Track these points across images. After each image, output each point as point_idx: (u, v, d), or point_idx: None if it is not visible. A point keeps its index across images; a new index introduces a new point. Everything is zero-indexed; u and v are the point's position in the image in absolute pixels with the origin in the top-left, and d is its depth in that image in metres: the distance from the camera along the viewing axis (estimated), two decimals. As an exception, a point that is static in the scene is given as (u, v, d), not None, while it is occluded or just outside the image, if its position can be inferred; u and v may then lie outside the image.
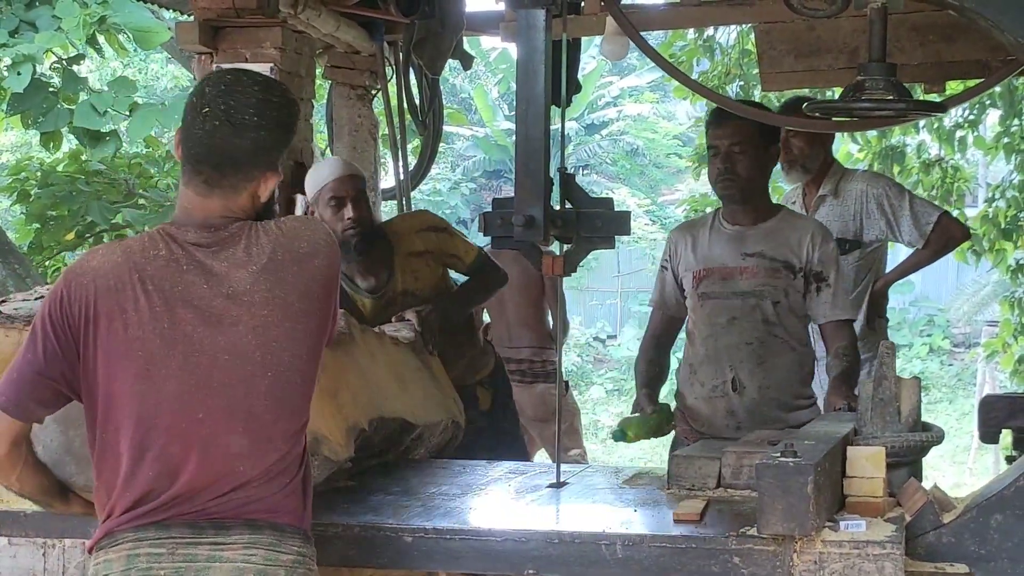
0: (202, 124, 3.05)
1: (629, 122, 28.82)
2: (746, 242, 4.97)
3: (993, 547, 3.49)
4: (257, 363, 3.04)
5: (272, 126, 3.09)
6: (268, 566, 3.01)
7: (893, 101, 3.87)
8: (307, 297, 3.11)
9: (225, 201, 3.10)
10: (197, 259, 3.06)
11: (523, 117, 3.93)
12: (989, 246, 11.08)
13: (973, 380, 21.18)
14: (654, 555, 3.39)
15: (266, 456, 3.06)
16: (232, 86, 3.08)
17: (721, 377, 5.00)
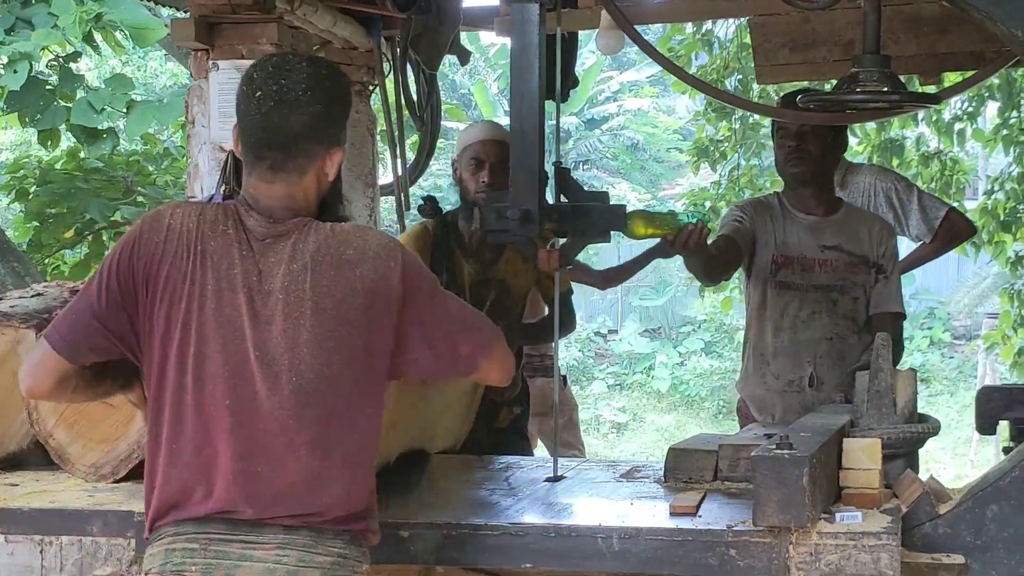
0: (257, 108, 3.03)
1: (629, 117, 28.82)
2: (823, 234, 4.96)
3: (989, 538, 3.50)
4: (284, 366, 2.98)
5: (327, 100, 3.06)
6: (301, 567, 2.96)
7: (887, 93, 3.88)
8: (344, 304, 3.00)
9: (290, 187, 3.07)
10: (253, 249, 3.03)
11: (517, 112, 3.92)
12: (988, 238, 11.08)
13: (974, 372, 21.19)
14: (651, 548, 3.40)
15: (291, 462, 2.99)
16: (280, 67, 3.06)
17: (799, 372, 4.98)
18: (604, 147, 28.80)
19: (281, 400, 2.98)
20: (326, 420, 3.01)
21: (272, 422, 2.98)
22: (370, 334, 3.03)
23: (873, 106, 4.02)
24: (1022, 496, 3.49)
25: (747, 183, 11.58)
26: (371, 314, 3.02)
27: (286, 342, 2.97)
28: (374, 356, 3.06)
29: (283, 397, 2.98)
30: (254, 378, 2.98)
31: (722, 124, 11.63)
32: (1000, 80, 10.47)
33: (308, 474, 2.99)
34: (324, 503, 3.00)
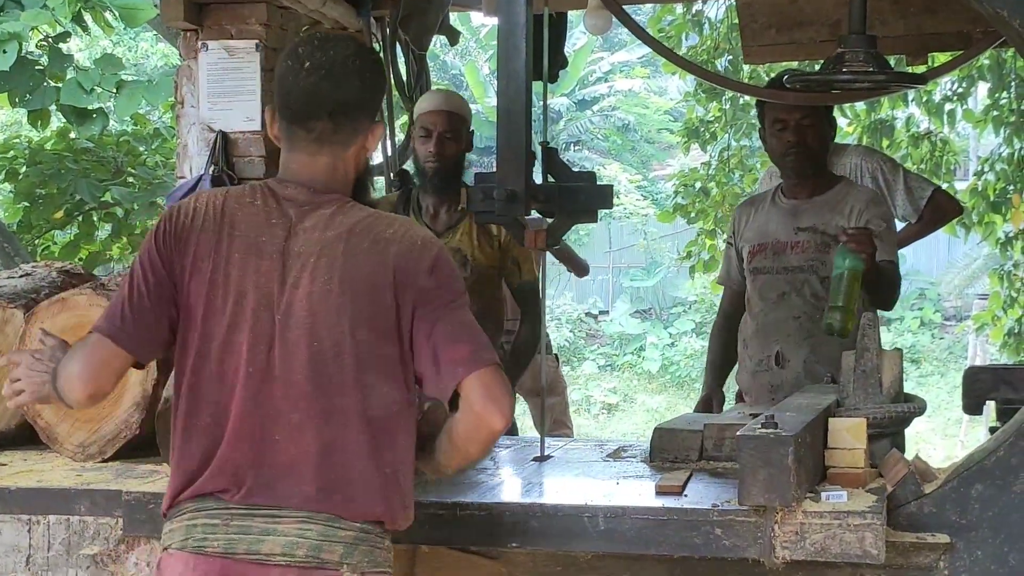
0: (307, 78, 3.03)
1: (620, 97, 28.79)
2: (800, 216, 4.98)
3: (974, 517, 3.51)
4: (303, 330, 2.96)
5: (372, 74, 3.11)
6: (324, 541, 2.95)
7: (874, 73, 3.88)
8: (374, 277, 2.98)
9: (333, 159, 3.08)
10: (288, 213, 3.03)
11: (504, 91, 3.92)
12: (978, 219, 11.09)
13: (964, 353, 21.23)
14: (636, 527, 3.41)
15: (304, 436, 2.96)
16: (325, 42, 3.09)
17: (766, 352, 5.02)
18: (595, 128, 28.79)
19: (298, 365, 2.96)
20: (341, 390, 2.97)
21: (288, 387, 2.96)
22: (395, 315, 2.99)
23: (859, 86, 4.03)
24: (1007, 476, 3.50)
25: (737, 164, 11.60)
26: (398, 295, 2.99)
27: (309, 306, 2.96)
28: (398, 337, 3.01)
29: (300, 363, 2.96)
30: (274, 342, 2.96)
31: (712, 105, 11.65)
32: (990, 61, 10.47)
33: (322, 444, 2.96)
34: (335, 479, 2.97)
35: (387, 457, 3.01)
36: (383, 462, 3.01)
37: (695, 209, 12.08)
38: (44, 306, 4.23)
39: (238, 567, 2.93)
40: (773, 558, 3.33)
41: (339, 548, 2.96)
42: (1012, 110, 10.79)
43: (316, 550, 2.94)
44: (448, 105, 5.20)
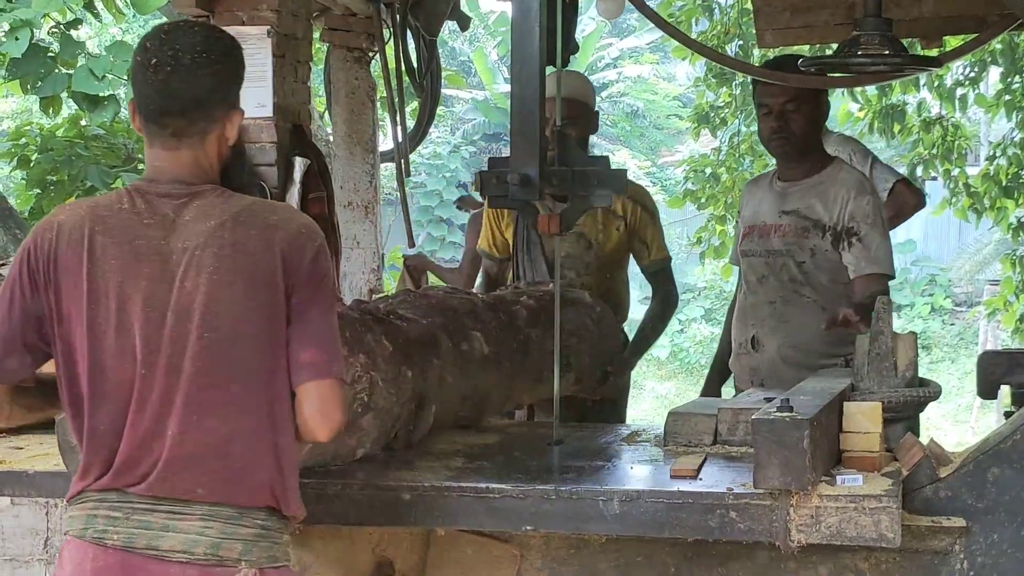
0: (155, 75, 2.99)
1: (629, 84, 28.77)
2: (787, 199, 4.98)
3: (990, 501, 3.51)
4: (196, 322, 2.93)
5: (224, 60, 3.04)
6: (223, 539, 2.95)
7: (889, 56, 3.87)
8: (264, 264, 2.96)
9: (195, 152, 3.03)
10: (162, 212, 3.00)
11: (518, 77, 3.92)
12: (990, 204, 11.07)
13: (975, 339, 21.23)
14: (651, 511, 3.40)
15: (201, 427, 2.94)
16: (171, 33, 3.03)
17: (745, 335, 5.04)
18: (604, 114, 28.67)
19: (194, 358, 2.93)
20: (238, 379, 2.95)
21: (185, 380, 2.92)
22: (284, 300, 2.98)
23: (874, 69, 4.02)
24: (1023, 459, 3.50)
25: (747, 149, 11.58)
26: (285, 280, 2.98)
27: (200, 298, 2.93)
28: (280, 326, 2.99)
29: (195, 355, 2.93)
30: (166, 338, 2.93)
31: (722, 90, 11.64)
32: (1003, 45, 10.44)
33: (222, 435, 2.95)
34: (237, 469, 2.96)
35: (282, 444, 3.01)
36: (279, 450, 3.00)
37: (705, 195, 12.08)
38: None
39: (138, 561, 2.93)
40: (788, 541, 3.32)
41: (238, 545, 2.96)
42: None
43: (215, 548, 2.94)
44: (564, 91, 5.17)
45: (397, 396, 3.81)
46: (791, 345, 4.93)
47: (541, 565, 3.79)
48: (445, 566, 3.85)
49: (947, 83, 11.00)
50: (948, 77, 10.98)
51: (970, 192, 11.14)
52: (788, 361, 4.91)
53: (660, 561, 3.71)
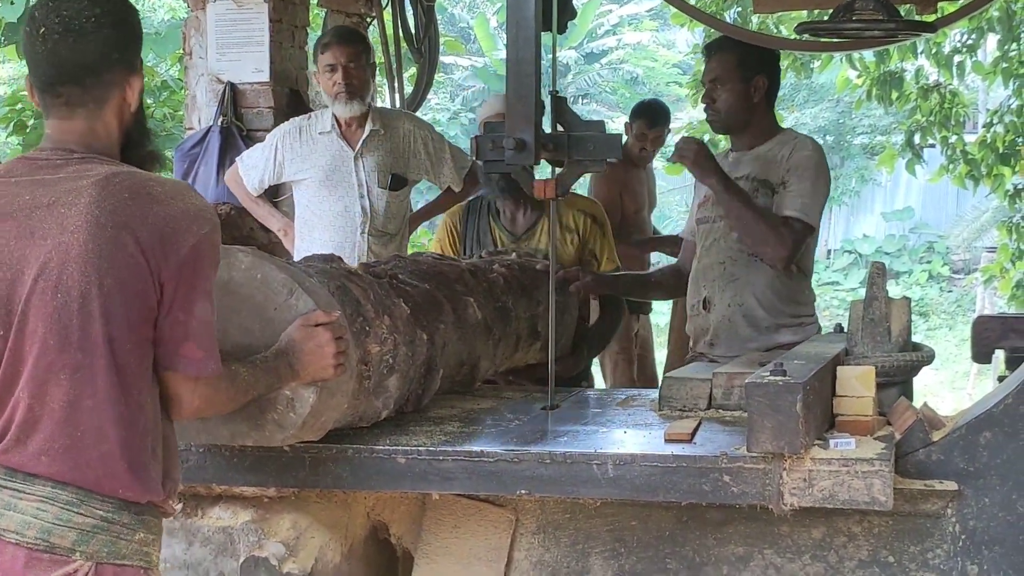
0: (43, 44, 2.85)
1: (629, 51, 28.72)
2: (739, 167, 5.03)
3: (982, 464, 3.53)
4: (50, 283, 2.76)
5: (115, 23, 2.90)
6: (56, 525, 2.78)
7: (883, 21, 3.87)
8: (128, 230, 2.77)
9: (90, 122, 2.90)
10: (35, 175, 2.86)
11: (513, 41, 3.92)
12: (987, 171, 11.07)
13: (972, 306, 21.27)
14: (645, 474, 3.42)
15: (48, 393, 2.78)
16: (59, 0, 2.87)
17: (697, 296, 5.10)
18: (603, 81, 28.72)
19: (45, 320, 2.77)
20: (86, 345, 2.78)
21: (35, 343, 2.78)
22: (149, 274, 2.80)
23: (869, 35, 4.02)
24: (1015, 423, 3.51)
25: (746, 116, 11.56)
26: (157, 257, 2.80)
27: (56, 259, 2.76)
28: (156, 295, 2.82)
29: (46, 316, 2.77)
30: (20, 298, 2.79)
31: (721, 57, 11.59)
32: (1000, 13, 10.43)
33: (67, 402, 2.78)
34: (82, 441, 2.79)
35: (140, 422, 2.84)
36: (135, 428, 2.84)
37: (703, 162, 12.06)
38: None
39: None
40: (781, 504, 3.34)
41: (72, 534, 2.79)
42: (1021, 62, 10.77)
43: (46, 533, 2.78)
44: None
45: (413, 358, 3.87)
46: (740, 303, 4.97)
47: (536, 528, 3.80)
48: (440, 530, 3.86)
49: (945, 50, 10.99)
50: (946, 44, 10.96)
51: (967, 159, 11.14)
52: (739, 319, 4.97)
53: (654, 524, 3.72)
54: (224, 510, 3.77)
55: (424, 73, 7.48)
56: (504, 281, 4.70)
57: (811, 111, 26.79)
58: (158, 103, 10.06)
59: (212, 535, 3.76)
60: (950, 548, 3.55)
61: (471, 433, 3.76)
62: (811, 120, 26.79)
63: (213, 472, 3.63)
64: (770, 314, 4.98)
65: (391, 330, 3.71)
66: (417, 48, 7.31)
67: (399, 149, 6.12)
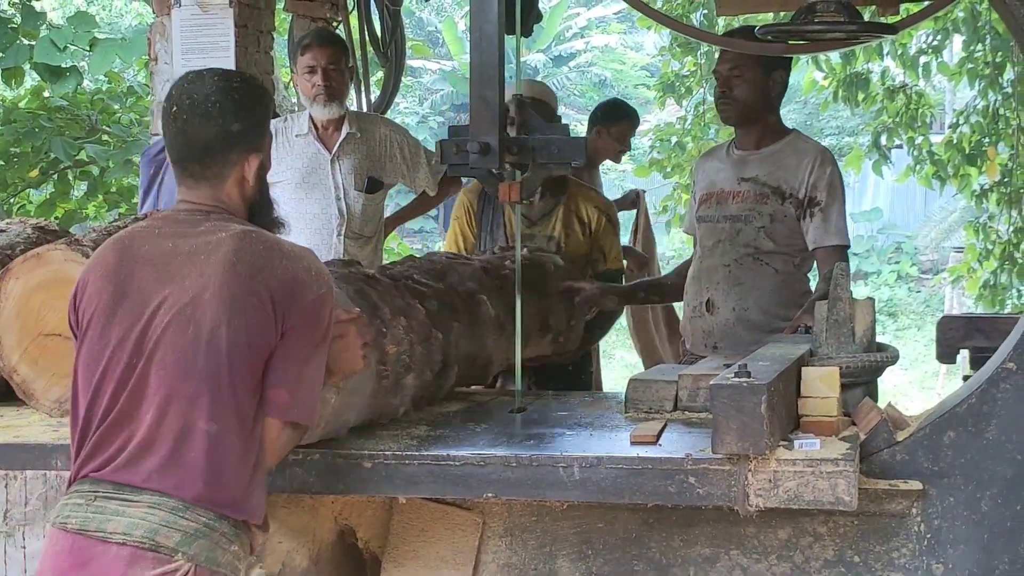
0: (174, 123, 3.19)
1: (597, 53, 28.75)
2: (746, 167, 5.02)
3: (946, 464, 3.54)
4: (183, 322, 3.06)
5: (236, 109, 3.19)
6: (163, 526, 3.02)
7: (844, 23, 3.89)
8: (259, 287, 3.07)
9: (214, 191, 3.21)
10: (176, 228, 3.17)
11: (476, 45, 3.93)
12: (954, 172, 11.11)
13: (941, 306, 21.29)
14: (611, 476, 3.43)
15: (168, 425, 3.05)
16: (193, 82, 3.21)
17: (699, 298, 5.08)
18: (572, 84, 28.73)
19: (171, 354, 3.06)
20: (209, 384, 3.05)
21: (161, 370, 3.06)
22: (271, 323, 3.08)
23: (830, 36, 4.03)
24: (978, 423, 3.53)
25: (712, 118, 11.58)
26: (281, 305, 3.08)
27: (188, 300, 3.06)
28: (268, 341, 3.09)
29: (174, 352, 3.06)
30: (151, 332, 3.07)
31: (687, 59, 11.63)
32: (965, 14, 10.48)
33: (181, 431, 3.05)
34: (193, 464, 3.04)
35: (250, 452, 3.12)
36: (241, 459, 3.10)
37: (671, 164, 12.10)
38: (19, 262, 4.22)
39: (86, 543, 3.03)
40: (747, 506, 3.36)
41: (176, 535, 3.02)
42: (987, 63, 10.80)
43: (152, 533, 3.01)
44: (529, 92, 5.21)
45: (429, 357, 4.04)
46: (745, 307, 4.97)
47: (503, 531, 3.81)
48: (407, 534, 3.87)
49: (910, 51, 11.03)
50: (911, 45, 11.01)
51: (934, 160, 11.18)
52: (742, 323, 4.96)
53: (621, 527, 3.73)
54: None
55: (391, 77, 7.47)
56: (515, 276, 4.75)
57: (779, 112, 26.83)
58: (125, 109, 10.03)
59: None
60: (915, 547, 3.57)
61: (438, 437, 3.76)
62: (779, 122, 26.84)
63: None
64: (774, 318, 4.96)
65: (407, 331, 3.91)
66: (383, 52, 7.31)
67: (375, 153, 6.11)
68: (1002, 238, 11.00)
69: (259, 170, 3.26)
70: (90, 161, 9.74)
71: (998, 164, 10.83)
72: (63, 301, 4.08)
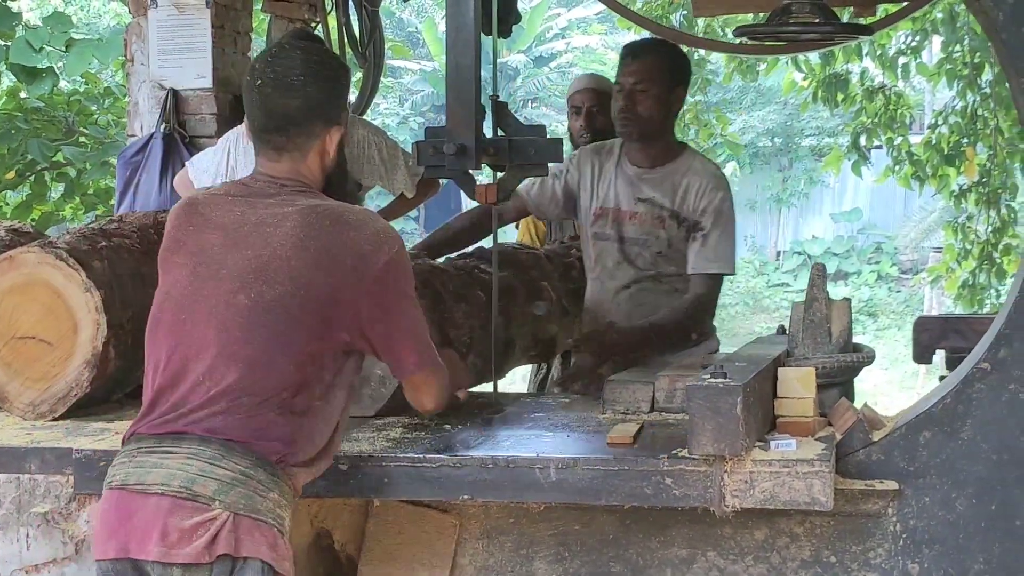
0: (258, 94, 3.27)
1: (578, 54, 28.77)
2: (642, 186, 4.88)
3: (922, 464, 3.55)
4: (248, 282, 3.15)
5: (319, 81, 3.28)
6: (200, 476, 3.09)
7: (819, 24, 3.89)
8: (328, 256, 3.17)
9: (294, 164, 3.30)
10: (248, 196, 3.28)
11: (453, 45, 3.92)
12: (933, 172, 11.15)
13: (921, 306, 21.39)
14: (587, 478, 3.42)
15: (225, 378, 3.14)
16: (276, 56, 3.31)
17: (601, 321, 4.94)
18: (553, 85, 28.75)
19: (232, 319, 3.15)
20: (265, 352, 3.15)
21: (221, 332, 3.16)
22: (343, 291, 3.17)
23: (806, 37, 4.04)
24: (954, 422, 3.54)
25: (692, 118, 11.61)
26: (352, 274, 3.17)
27: (256, 263, 3.16)
28: (344, 314, 3.19)
29: (235, 317, 3.15)
30: (220, 297, 3.17)
31: (667, 60, 11.61)
32: (943, 15, 10.51)
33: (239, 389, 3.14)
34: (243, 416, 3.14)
35: (306, 423, 3.22)
36: (296, 425, 3.20)
37: (651, 164, 12.09)
38: (-8, 264, 4.20)
39: (127, 497, 3.13)
40: (723, 506, 3.35)
41: (213, 484, 3.09)
42: (965, 63, 10.85)
43: (190, 482, 3.08)
44: (594, 83, 5.19)
45: (490, 338, 4.33)
46: None
47: (480, 533, 3.81)
48: (384, 537, 3.86)
49: (889, 52, 11.06)
50: (890, 46, 11.04)
51: (913, 160, 11.22)
52: None
53: (598, 528, 3.73)
54: (165, 519, 3.74)
55: (369, 78, 7.45)
56: (580, 264, 5.23)
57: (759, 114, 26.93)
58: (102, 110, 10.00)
59: (153, 545, 3.73)
60: (891, 547, 3.58)
61: (414, 439, 3.75)
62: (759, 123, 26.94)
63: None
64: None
65: (467, 316, 4.28)
66: (362, 53, 7.29)
67: (353, 155, 6.09)
68: (980, 238, 11.05)
69: (339, 143, 3.36)
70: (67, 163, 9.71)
71: (976, 164, 10.89)
72: (37, 304, 4.12)
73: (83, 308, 4.10)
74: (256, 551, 3.10)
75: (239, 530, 3.08)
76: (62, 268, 4.10)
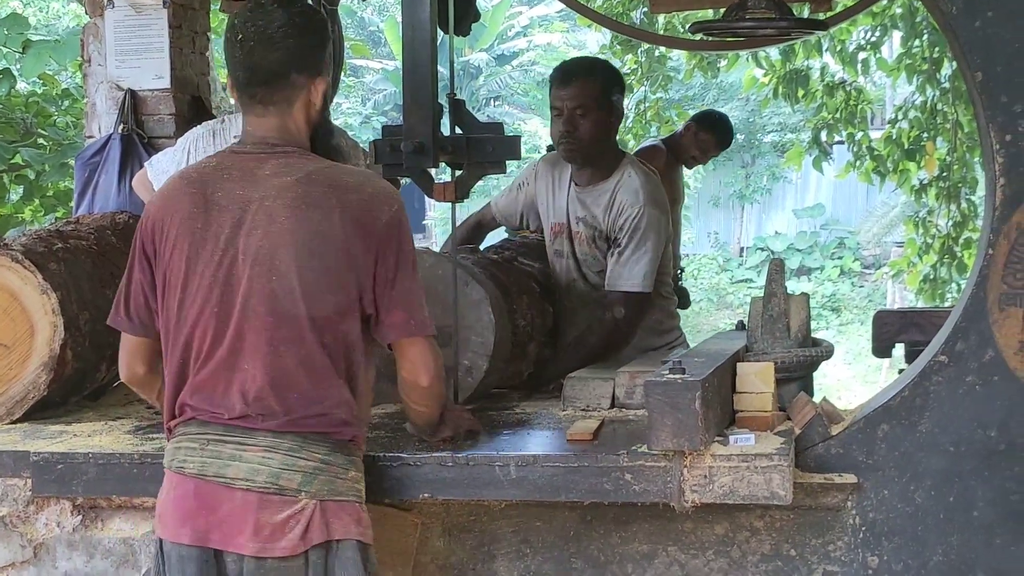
0: (240, 49, 3.30)
1: (539, 52, 28.78)
2: (580, 205, 4.87)
3: (880, 457, 3.57)
4: (264, 266, 3.20)
5: (301, 33, 3.30)
6: (283, 470, 3.19)
7: (775, 20, 3.90)
8: (330, 222, 3.20)
9: (281, 118, 3.32)
10: (244, 166, 3.29)
11: (409, 43, 3.91)
12: (893, 167, 11.19)
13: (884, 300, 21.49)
14: (547, 475, 3.44)
15: (271, 362, 3.20)
16: (256, 11, 3.32)
17: (567, 336, 4.93)
18: (515, 83, 28.76)
19: (262, 304, 3.20)
20: (299, 323, 3.20)
21: (252, 319, 3.20)
22: (350, 254, 3.22)
23: (762, 33, 4.05)
24: (912, 416, 3.56)
25: (654, 116, 11.62)
26: (355, 236, 3.21)
27: (269, 243, 3.20)
28: (356, 276, 3.23)
29: (263, 301, 3.20)
30: (237, 279, 3.21)
31: (628, 57, 11.64)
32: (902, 10, 10.55)
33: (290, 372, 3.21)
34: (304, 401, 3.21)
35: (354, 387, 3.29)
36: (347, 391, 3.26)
37: (613, 161, 12.09)
38: (-52, 268, 4.17)
39: (208, 488, 3.21)
40: (683, 501, 3.37)
41: (297, 476, 3.20)
42: (925, 58, 10.88)
43: (275, 477, 3.19)
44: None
45: (544, 328, 4.63)
46: None
47: (441, 531, 3.80)
48: (345, 535, 3.84)
49: (849, 48, 11.09)
50: (850, 42, 11.07)
51: (873, 155, 11.26)
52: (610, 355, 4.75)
53: (559, 524, 3.73)
54: (125, 521, 3.76)
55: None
56: None
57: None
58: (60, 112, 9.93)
59: (113, 547, 3.74)
60: (851, 540, 3.59)
61: (373, 438, 3.74)
62: (722, 119, 26.93)
63: (114, 483, 3.62)
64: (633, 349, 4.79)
65: (528, 307, 4.52)
66: (320, 52, 7.26)
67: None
68: (941, 232, 11.09)
69: (323, 94, 3.38)
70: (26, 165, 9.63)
71: (936, 159, 10.92)
72: (-6, 306, 4.10)
73: (39, 310, 4.09)
74: (346, 531, 3.24)
75: (327, 515, 3.21)
76: (18, 270, 4.09)
